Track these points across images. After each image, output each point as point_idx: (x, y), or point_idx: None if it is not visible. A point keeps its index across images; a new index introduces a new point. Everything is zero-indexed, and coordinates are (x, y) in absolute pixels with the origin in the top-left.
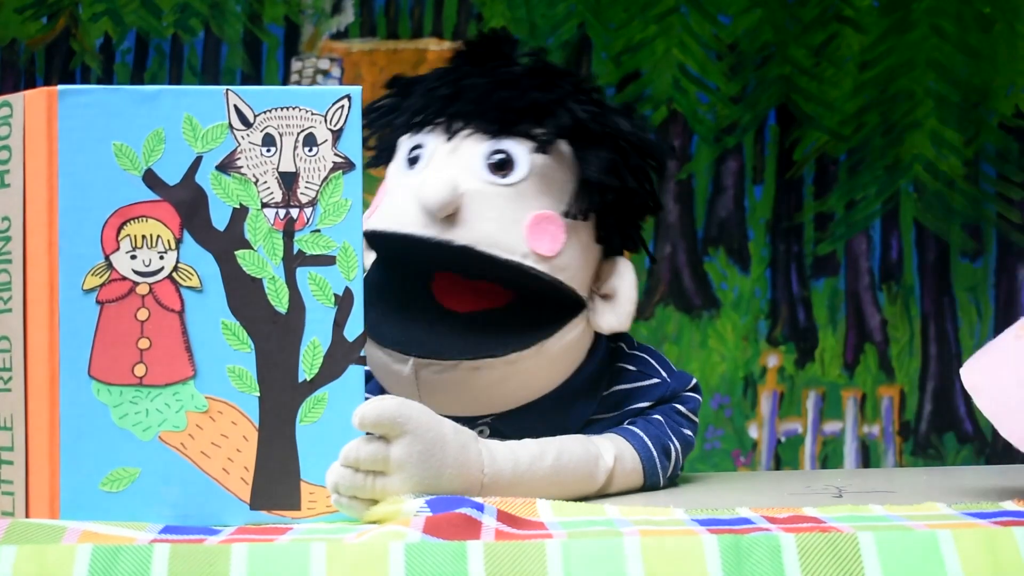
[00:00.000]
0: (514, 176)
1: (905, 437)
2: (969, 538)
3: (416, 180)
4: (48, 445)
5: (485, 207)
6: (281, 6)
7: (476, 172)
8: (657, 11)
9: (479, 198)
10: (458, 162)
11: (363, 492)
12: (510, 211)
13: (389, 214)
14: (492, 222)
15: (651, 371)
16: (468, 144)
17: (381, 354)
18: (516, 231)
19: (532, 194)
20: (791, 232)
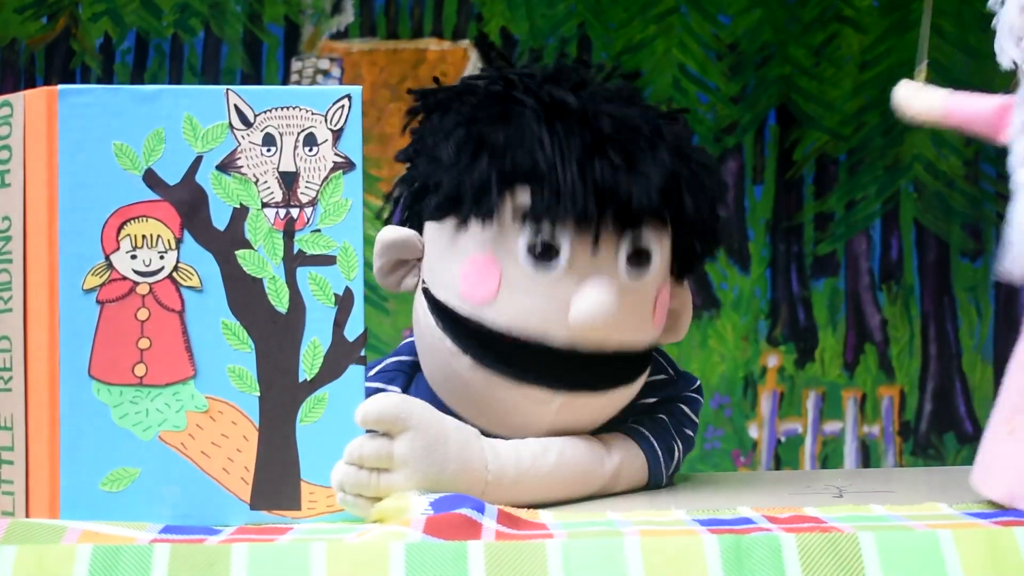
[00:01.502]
0: (650, 271)
1: (905, 437)
2: (969, 538)
3: (558, 285)
4: (48, 445)
5: (627, 309)
6: (281, 6)
7: (619, 275)
8: (657, 11)
9: (622, 304)
10: (601, 265)
11: (368, 489)
12: (645, 305)
13: (527, 317)
14: (633, 322)
15: (659, 367)
16: (607, 241)
17: (514, 394)
18: (648, 321)
19: (657, 278)
20: (791, 232)
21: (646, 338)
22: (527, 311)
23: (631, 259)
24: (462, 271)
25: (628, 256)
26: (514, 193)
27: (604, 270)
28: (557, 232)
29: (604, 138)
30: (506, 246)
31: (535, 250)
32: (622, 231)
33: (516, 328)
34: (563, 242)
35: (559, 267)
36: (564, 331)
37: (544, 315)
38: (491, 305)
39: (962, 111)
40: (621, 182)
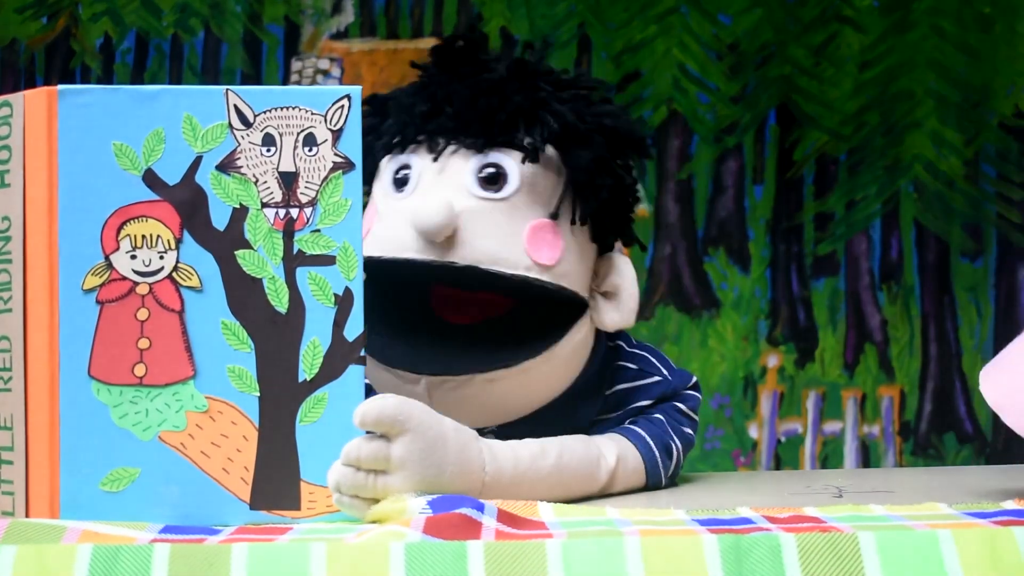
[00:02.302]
0: (507, 189)
1: (905, 437)
2: (969, 538)
3: (408, 203)
4: (48, 445)
5: (482, 224)
6: (281, 6)
7: (468, 189)
8: (657, 11)
9: (475, 216)
10: (449, 181)
11: (365, 491)
12: (507, 225)
13: (384, 239)
14: (491, 239)
15: (652, 369)
16: (456, 161)
17: (390, 376)
18: (516, 244)
19: (525, 204)
20: (791, 232)
21: (513, 262)
22: (384, 233)
23: (482, 177)
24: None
25: (477, 173)
26: None
27: (452, 184)
28: (411, 157)
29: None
30: (380, 187)
31: (395, 176)
32: (470, 149)
33: (377, 251)
34: (414, 162)
35: (411, 186)
36: (412, 246)
37: (396, 233)
38: (368, 239)
39: None
40: (457, 97)
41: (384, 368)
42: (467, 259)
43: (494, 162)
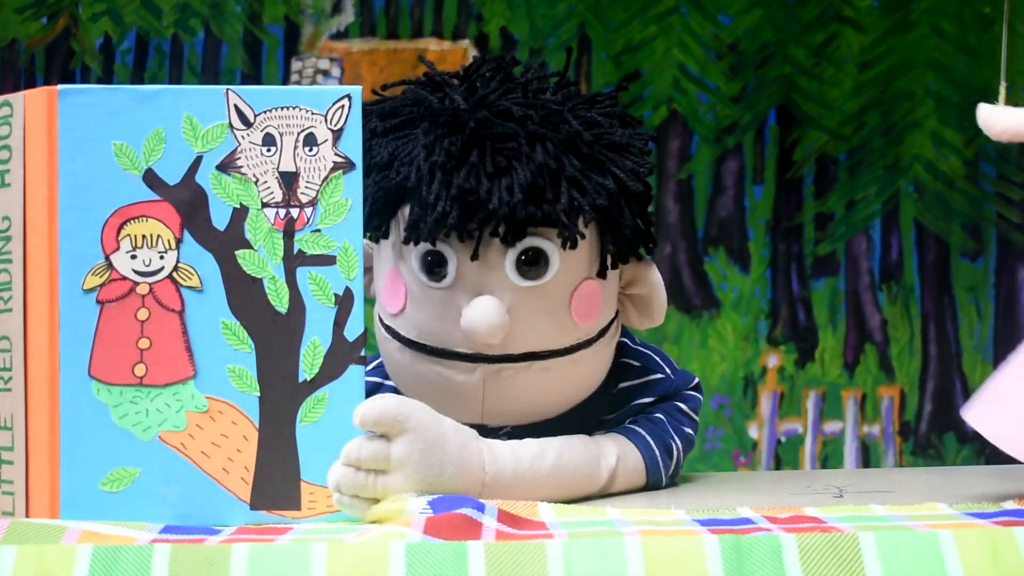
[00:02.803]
0: (549, 273)
1: (905, 437)
2: (970, 538)
3: (449, 296)
4: (48, 445)
5: (529, 314)
6: (281, 6)
7: (511, 282)
8: (657, 11)
9: (521, 308)
10: (490, 277)
11: (365, 491)
12: (553, 306)
13: (428, 331)
14: (540, 327)
15: (655, 367)
16: (494, 252)
17: (440, 368)
18: (563, 320)
19: (566, 276)
20: (791, 232)
21: (566, 338)
22: (428, 324)
23: (523, 263)
24: (382, 283)
25: (519, 261)
26: (403, 209)
27: (493, 279)
28: (442, 245)
29: (474, 141)
30: (406, 261)
31: (426, 264)
32: (507, 236)
33: (423, 338)
34: (449, 254)
35: (449, 279)
36: (465, 342)
37: (442, 327)
38: (401, 317)
39: None
40: (482, 187)
41: (433, 361)
42: (521, 349)
43: (534, 247)
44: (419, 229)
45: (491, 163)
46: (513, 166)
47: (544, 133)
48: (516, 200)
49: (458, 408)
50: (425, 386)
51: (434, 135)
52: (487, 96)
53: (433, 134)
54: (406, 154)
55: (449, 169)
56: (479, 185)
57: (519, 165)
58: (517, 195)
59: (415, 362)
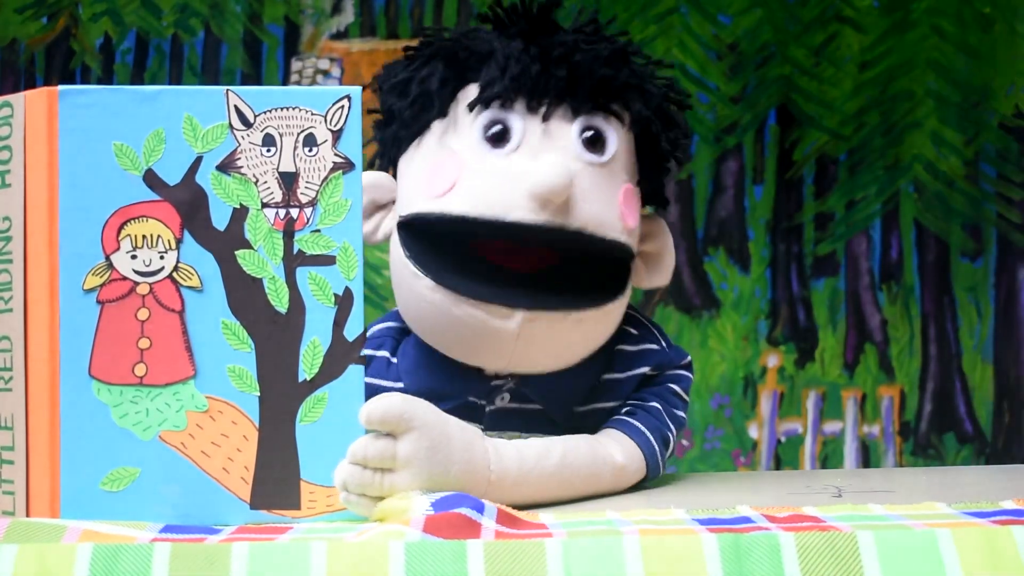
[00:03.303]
0: (607, 153)
1: (905, 437)
2: (968, 537)
3: (517, 164)
4: (48, 445)
5: (588, 187)
6: (281, 6)
7: (575, 152)
8: (657, 11)
9: (582, 179)
10: (555, 143)
11: (371, 489)
12: (608, 189)
13: (486, 198)
14: (595, 203)
15: (651, 337)
16: (558, 122)
17: (475, 311)
18: (614, 209)
19: (619, 169)
20: (791, 232)
21: (612, 226)
22: (486, 192)
23: (585, 139)
24: (424, 174)
25: (581, 135)
26: (466, 89)
27: (559, 145)
28: (508, 114)
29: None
30: (463, 139)
31: (489, 132)
32: (573, 111)
33: (477, 211)
34: (514, 122)
35: (513, 144)
36: (523, 207)
37: (502, 193)
38: (453, 193)
39: None
40: (556, 51)
41: (471, 303)
42: (575, 223)
43: (595, 126)
44: (494, 87)
45: (561, 46)
46: (587, 44)
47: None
48: (594, 58)
49: (487, 352)
50: (458, 328)
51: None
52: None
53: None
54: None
55: (527, 44)
56: (553, 50)
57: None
58: (593, 56)
59: (451, 304)
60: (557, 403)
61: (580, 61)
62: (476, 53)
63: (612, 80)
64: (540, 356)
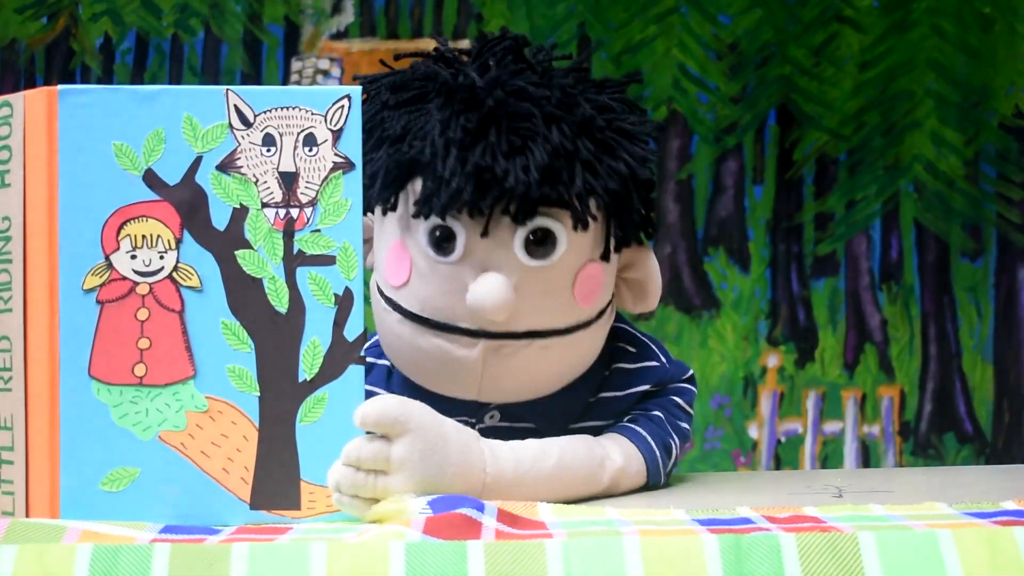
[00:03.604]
0: (556, 253)
1: (905, 437)
2: (969, 538)
3: (457, 274)
4: (48, 445)
5: (534, 293)
6: (281, 6)
7: (518, 259)
8: (657, 11)
9: (527, 286)
10: (498, 254)
11: (365, 491)
12: (557, 287)
13: (435, 305)
14: (545, 308)
15: (651, 355)
16: (503, 229)
17: (440, 342)
18: (566, 302)
19: (573, 257)
20: (791, 232)
21: (567, 318)
22: (432, 298)
23: (532, 243)
24: (385, 256)
25: (527, 240)
26: (415, 182)
27: (501, 256)
28: (452, 220)
29: (491, 119)
30: (413, 234)
31: (434, 238)
32: (518, 215)
33: (426, 312)
34: (458, 229)
35: (456, 255)
36: (468, 319)
37: (447, 302)
38: (404, 290)
39: None
40: (498, 166)
41: (434, 334)
42: (524, 327)
43: (543, 227)
44: (431, 204)
45: (507, 142)
46: (529, 146)
47: (560, 115)
48: (532, 179)
49: (455, 382)
50: (424, 359)
51: (450, 111)
52: (502, 75)
53: (449, 110)
54: (419, 128)
55: (465, 146)
56: (495, 163)
57: (535, 145)
58: (533, 175)
59: (415, 335)
60: (548, 422)
61: (513, 186)
62: (415, 160)
63: (551, 196)
64: (509, 385)
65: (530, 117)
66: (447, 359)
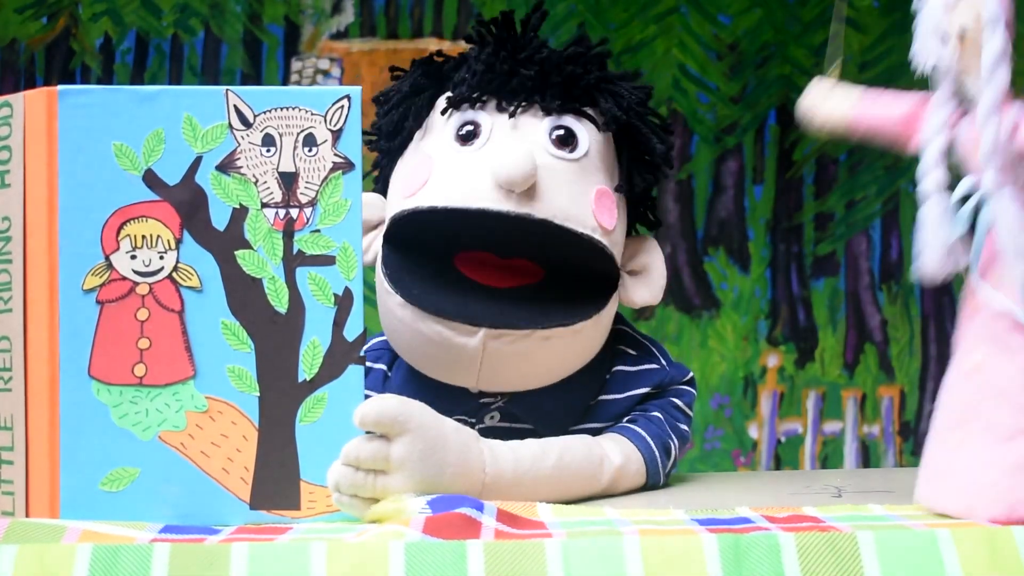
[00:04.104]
0: (578, 151)
1: (905, 437)
2: (968, 537)
3: (482, 155)
4: (48, 445)
5: (556, 180)
6: (281, 6)
7: (543, 146)
8: (657, 11)
9: (550, 172)
10: (523, 137)
11: (364, 491)
12: (578, 185)
13: (454, 190)
14: (564, 196)
15: (651, 357)
16: (529, 120)
17: (440, 328)
18: (585, 204)
19: (593, 169)
20: (791, 232)
21: (582, 220)
22: (453, 185)
23: (556, 137)
24: (400, 179)
25: (551, 132)
26: (442, 97)
27: (527, 140)
28: (479, 114)
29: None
30: (436, 141)
31: (460, 132)
32: (543, 111)
33: (443, 202)
34: (485, 121)
35: (482, 142)
36: (488, 197)
37: (468, 183)
38: (424, 191)
39: (869, 119)
40: (526, 52)
41: (435, 320)
42: (542, 213)
43: (566, 124)
44: (462, 90)
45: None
46: (551, 49)
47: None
48: (560, 58)
49: (455, 370)
50: (424, 345)
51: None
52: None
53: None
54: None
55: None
56: (522, 52)
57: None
58: (559, 55)
59: (416, 319)
60: (548, 424)
61: (547, 58)
62: (450, 59)
63: (580, 78)
64: (509, 374)
65: (543, 46)
66: (447, 345)
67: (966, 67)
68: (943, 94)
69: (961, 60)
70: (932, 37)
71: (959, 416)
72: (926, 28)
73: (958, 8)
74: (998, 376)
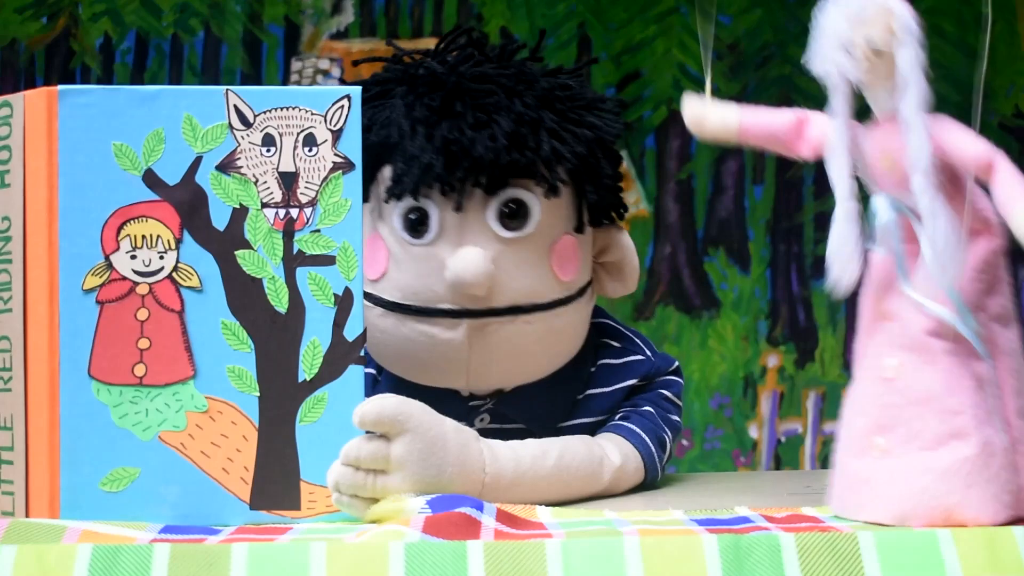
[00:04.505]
0: (530, 224)
1: None
2: (968, 537)
3: (433, 254)
4: (48, 445)
5: (513, 264)
6: (281, 6)
7: (493, 232)
8: (657, 11)
9: (505, 258)
10: (472, 227)
11: (364, 491)
12: (534, 258)
13: (412, 291)
14: (524, 278)
15: (635, 348)
16: (476, 203)
17: (424, 327)
18: (544, 275)
19: (547, 228)
20: (791, 232)
21: (548, 292)
22: (411, 283)
23: (505, 214)
24: (364, 251)
25: (500, 212)
26: (383, 171)
27: (476, 231)
28: (424, 201)
29: (454, 96)
30: (387, 222)
31: (408, 219)
32: (488, 188)
33: (406, 299)
34: (431, 209)
35: (431, 235)
36: (448, 299)
37: (427, 284)
38: (383, 281)
39: (758, 128)
40: (466, 137)
41: (416, 319)
42: (505, 302)
43: (515, 198)
44: (403, 183)
45: (472, 116)
46: (494, 118)
47: (521, 89)
48: (500, 146)
49: (444, 370)
50: (410, 348)
51: (413, 95)
52: (461, 63)
53: (412, 95)
54: (384, 117)
55: (431, 123)
56: (462, 136)
57: (500, 116)
58: (500, 141)
59: (399, 324)
60: (538, 421)
61: (482, 155)
62: (383, 144)
63: (519, 161)
64: (498, 368)
65: (492, 93)
66: (433, 344)
67: (872, 80)
68: (841, 104)
69: (869, 72)
70: (834, 48)
71: (876, 424)
72: (829, 38)
73: (865, 21)
74: (919, 382)
